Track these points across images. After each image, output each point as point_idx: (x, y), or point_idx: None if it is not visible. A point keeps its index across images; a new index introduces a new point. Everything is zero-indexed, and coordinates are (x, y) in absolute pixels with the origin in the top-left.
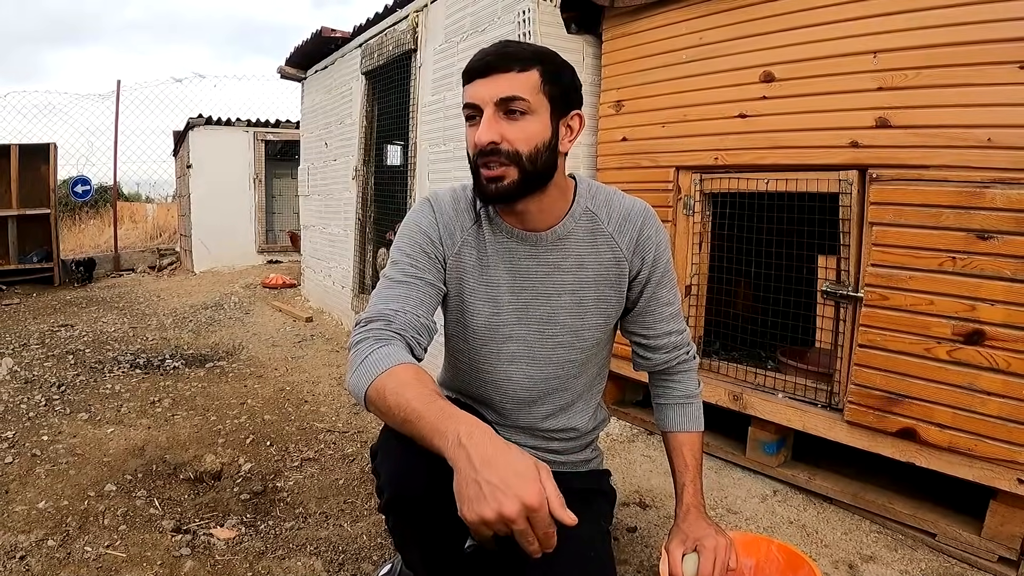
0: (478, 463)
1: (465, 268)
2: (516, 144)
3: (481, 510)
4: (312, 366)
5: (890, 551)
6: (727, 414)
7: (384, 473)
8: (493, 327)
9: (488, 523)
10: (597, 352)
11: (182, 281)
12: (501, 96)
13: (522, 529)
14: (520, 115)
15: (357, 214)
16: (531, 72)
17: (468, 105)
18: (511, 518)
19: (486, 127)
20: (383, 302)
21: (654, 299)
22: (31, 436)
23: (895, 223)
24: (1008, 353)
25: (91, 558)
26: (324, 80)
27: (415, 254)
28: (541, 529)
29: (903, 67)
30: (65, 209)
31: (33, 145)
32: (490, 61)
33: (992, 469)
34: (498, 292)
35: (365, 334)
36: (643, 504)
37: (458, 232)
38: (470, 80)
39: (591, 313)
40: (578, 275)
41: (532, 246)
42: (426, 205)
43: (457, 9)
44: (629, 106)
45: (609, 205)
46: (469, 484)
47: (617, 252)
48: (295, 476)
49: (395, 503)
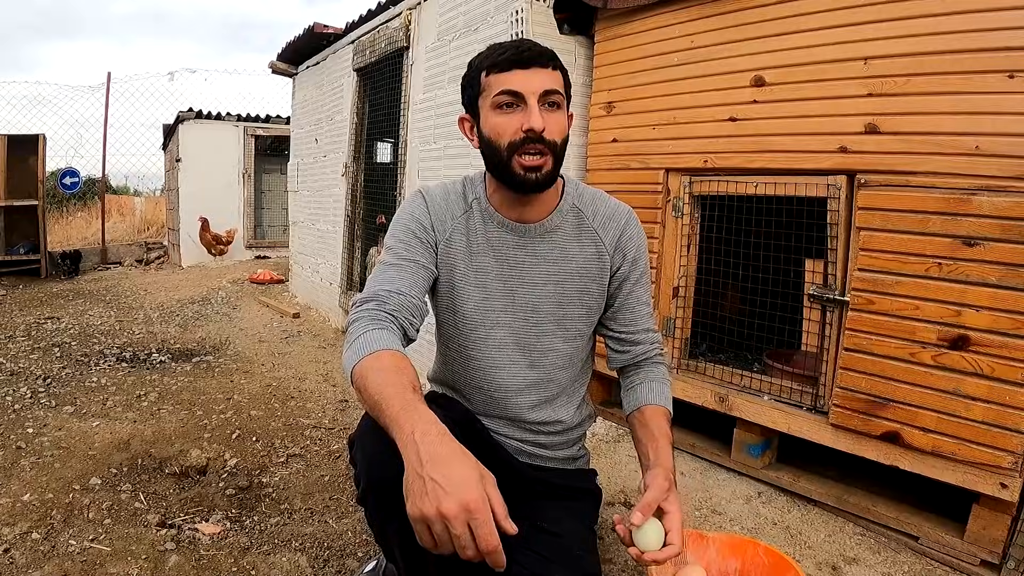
0: (425, 460)
1: (455, 254)
2: (554, 135)
3: (422, 505)
4: (299, 362)
5: (873, 553)
6: (713, 416)
7: (360, 461)
8: (482, 312)
9: (427, 520)
10: (581, 346)
11: (169, 275)
12: (547, 88)
13: (459, 533)
14: (556, 108)
15: (346, 211)
16: (559, 71)
17: (509, 92)
18: (449, 517)
19: (538, 114)
20: (378, 283)
21: (632, 296)
22: (16, 428)
23: (882, 228)
24: (992, 359)
25: (75, 551)
26: (315, 76)
27: (408, 239)
28: (483, 537)
29: (893, 74)
30: (53, 201)
31: (21, 136)
32: (531, 56)
33: (975, 473)
34: (487, 279)
35: (360, 314)
36: (628, 504)
37: (448, 220)
38: (507, 69)
39: (574, 304)
40: (563, 267)
41: (521, 236)
42: (418, 196)
43: (450, 8)
44: (620, 108)
45: (595, 204)
46: (414, 479)
47: (600, 247)
48: (281, 472)
49: (371, 490)
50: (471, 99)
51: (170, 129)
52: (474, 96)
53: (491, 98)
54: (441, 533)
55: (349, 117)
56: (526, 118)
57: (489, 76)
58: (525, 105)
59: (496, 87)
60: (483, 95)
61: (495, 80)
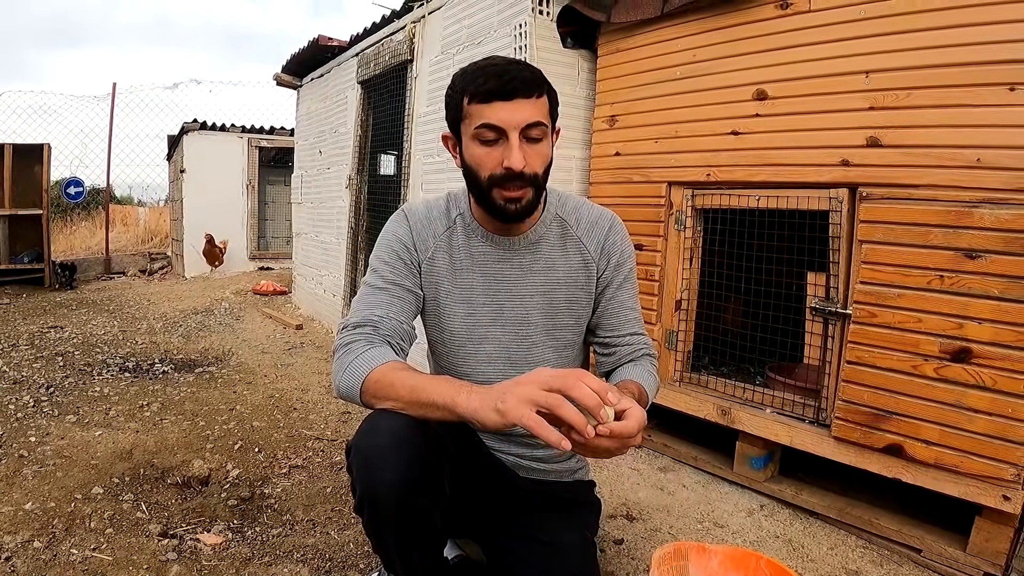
0: (498, 389)
1: (439, 273)
2: (535, 167)
3: (522, 394)
4: (302, 373)
5: (876, 566)
6: (715, 429)
7: (357, 468)
8: (468, 328)
9: (536, 402)
10: (572, 356)
11: (173, 286)
12: (529, 121)
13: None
14: (539, 140)
15: (350, 223)
16: (543, 97)
17: (490, 127)
18: (555, 386)
19: (519, 153)
20: (368, 308)
21: (615, 300)
22: (19, 437)
23: (884, 241)
24: (995, 371)
25: (77, 560)
26: (320, 88)
27: (393, 261)
28: (588, 401)
29: (895, 87)
30: (57, 210)
31: (27, 145)
32: (515, 86)
33: (978, 486)
34: (472, 294)
35: (355, 336)
36: (630, 516)
37: (430, 239)
38: (487, 100)
39: (562, 314)
40: (549, 277)
41: (505, 250)
42: (400, 216)
43: (454, 22)
44: (623, 121)
45: (578, 212)
46: (496, 397)
47: (586, 255)
48: (283, 483)
49: (367, 499)
50: (454, 121)
51: (175, 140)
52: (456, 120)
53: (472, 129)
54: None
55: (353, 129)
56: (507, 154)
57: (471, 105)
58: (507, 139)
59: (477, 119)
60: (464, 122)
61: (476, 111)
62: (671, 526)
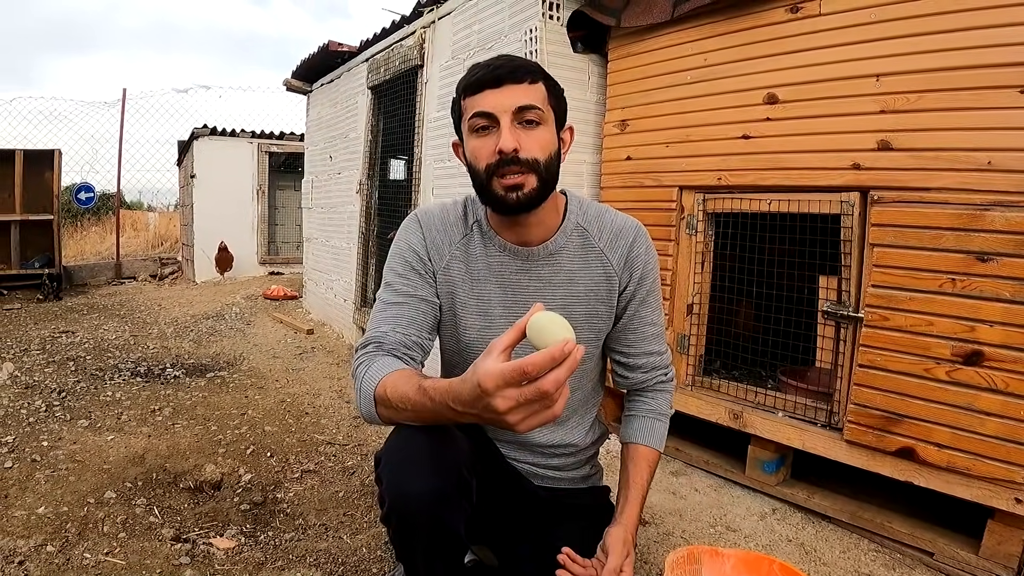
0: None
1: (455, 282)
2: (534, 152)
3: (498, 416)
4: (313, 378)
5: (888, 570)
6: (727, 432)
7: (386, 479)
8: (485, 339)
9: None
10: (590, 368)
11: (183, 291)
12: (519, 105)
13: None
14: (536, 124)
15: (360, 228)
16: (539, 84)
17: (481, 114)
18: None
19: (509, 135)
20: (376, 325)
21: (637, 316)
22: (31, 441)
23: (896, 244)
24: (1006, 374)
25: (90, 564)
26: (330, 93)
27: (406, 273)
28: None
29: (905, 90)
30: (67, 216)
31: (38, 151)
32: (502, 73)
33: (990, 489)
34: (489, 306)
35: (361, 359)
36: (642, 521)
37: (446, 247)
38: (478, 91)
39: (582, 328)
40: (569, 290)
41: (524, 260)
42: (413, 223)
43: (464, 27)
44: (634, 125)
45: (600, 221)
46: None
47: (608, 267)
48: (295, 487)
49: (397, 509)
50: (456, 122)
51: (185, 145)
52: (458, 120)
53: (467, 121)
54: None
55: (363, 134)
56: (499, 139)
57: (465, 99)
58: (499, 126)
59: (470, 110)
60: (463, 119)
61: (469, 103)
62: (683, 530)
